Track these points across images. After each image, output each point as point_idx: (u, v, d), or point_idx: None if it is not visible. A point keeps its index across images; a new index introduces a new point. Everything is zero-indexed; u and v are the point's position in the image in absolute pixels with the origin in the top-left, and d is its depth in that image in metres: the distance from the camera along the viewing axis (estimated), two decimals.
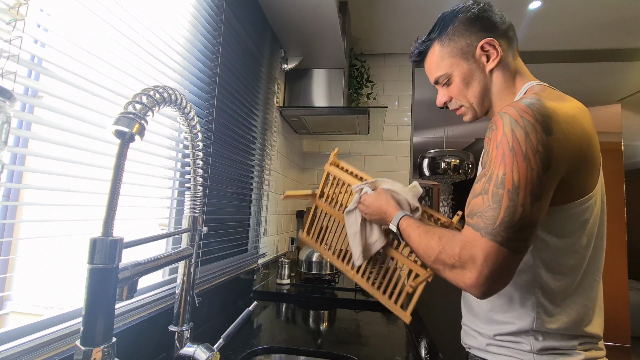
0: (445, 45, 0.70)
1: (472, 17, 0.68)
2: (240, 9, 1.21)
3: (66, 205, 0.61)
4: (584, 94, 2.91)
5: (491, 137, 0.57)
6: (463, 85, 0.70)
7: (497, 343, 0.65)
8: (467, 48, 0.68)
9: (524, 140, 0.52)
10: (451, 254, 0.56)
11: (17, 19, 0.48)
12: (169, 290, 0.85)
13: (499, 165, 0.54)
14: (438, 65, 0.72)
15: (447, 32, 0.70)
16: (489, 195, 0.54)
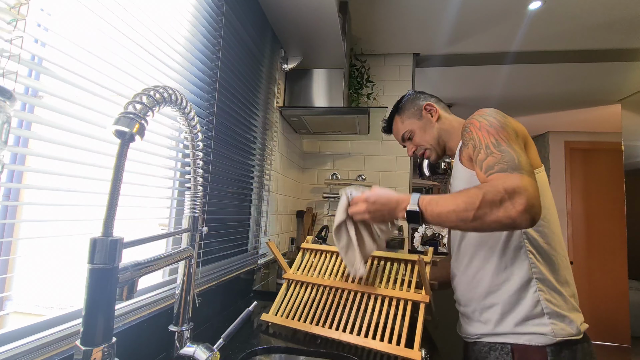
0: (401, 115, 1.05)
1: (413, 95, 1.06)
2: (241, 9, 1.21)
3: (66, 205, 0.61)
4: (584, 94, 2.91)
5: (470, 129, 0.79)
6: (424, 136, 1.00)
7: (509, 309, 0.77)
8: (416, 111, 1.02)
9: (496, 119, 0.77)
10: (496, 191, 0.63)
11: (17, 18, 0.48)
12: (169, 290, 0.85)
13: (487, 136, 0.74)
14: (403, 127, 1.04)
15: (400, 108, 1.06)
16: (496, 152, 0.70)
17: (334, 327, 0.87)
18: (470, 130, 0.79)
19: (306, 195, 2.38)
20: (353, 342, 0.84)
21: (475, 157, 0.74)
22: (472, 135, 0.78)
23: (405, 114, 1.04)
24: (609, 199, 3.76)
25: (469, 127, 0.80)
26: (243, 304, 1.20)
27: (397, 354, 0.79)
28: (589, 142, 3.91)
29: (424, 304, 0.85)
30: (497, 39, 2.13)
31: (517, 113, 3.51)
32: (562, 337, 0.73)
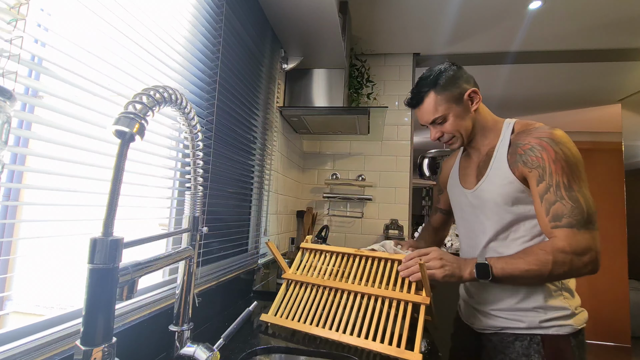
0: (439, 93, 0.90)
1: (454, 73, 0.92)
2: (241, 9, 1.21)
3: (66, 205, 0.61)
4: (584, 94, 2.91)
5: (543, 156, 0.78)
6: (458, 122, 0.91)
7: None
8: (458, 95, 0.90)
9: (572, 155, 0.78)
10: (564, 256, 0.72)
11: (17, 18, 0.48)
12: (169, 290, 0.85)
13: (561, 174, 0.76)
14: (436, 108, 0.91)
15: (440, 84, 0.90)
16: (566, 200, 0.75)
17: (334, 328, 0.87)
18: (542, 157, 0.78)
19: (306, 195, 2.38)
20: (353, 343, 0.83)
21: (542, 193, 0.78)
22: (542, 164, 0.78)
23: (444, 93, 0.90)
24: (609, 199, 3.76)
25: (540, 152, 0.79)
26: (243, 304, 1.20)
27: (398, 356, 0.78)
28: (589, 142, 3.91)
29: (424, 306, 0.85)
30: (497, 38, 2.13)
31: (517, 113, 3.50)
32: (580, 326, 0.85)
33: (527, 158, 0.81)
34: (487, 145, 0.94)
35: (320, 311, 0.92)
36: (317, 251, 1.07)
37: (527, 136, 0.84)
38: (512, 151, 0.86)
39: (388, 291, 0.90)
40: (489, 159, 0.91)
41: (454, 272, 0.80)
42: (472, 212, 0.96)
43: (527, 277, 0.76)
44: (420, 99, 0.92)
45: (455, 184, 1.05)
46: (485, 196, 0.90)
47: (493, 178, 0.89)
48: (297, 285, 1.00)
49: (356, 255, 1.02)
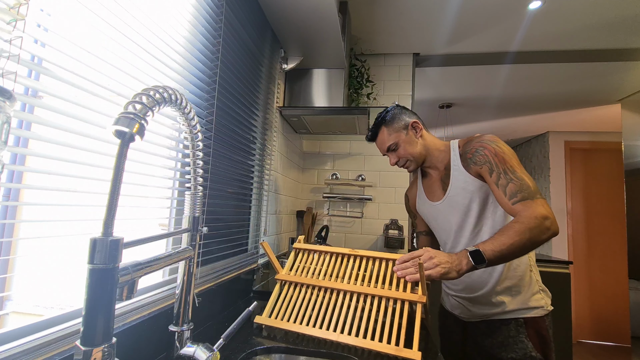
0: (388, 126, 1.12)
1: (399, 110, 1.15)
2: (241, 9, 1.21)
3: (66, 205, 0.61)
4: (584, 94, 2.91)
5: (486, 153, 0.98)
6: (408, 148, 1.10)
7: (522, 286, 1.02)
8: (403, 126, 1.11)
9: (506, 148, 0.98)
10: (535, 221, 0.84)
11: (17, 18, 0.48)
12: (169, 290, 0.85)
13: (504, 162, 0.94)
14: (388, 139, 1.12)
15: (387, 119, 1.13)
16: (515, 179, 0.91)
17: (331, 329, 0.87)
18: (486, 154, 0.98)
19: (306, 195, 2.38)
20: (352, 343, 0.83)
21: (496, 180, 0.94)
22: (487, 159, 0.97)
23: (392, 126, 1.11)
24: (609, 199, 3.76)
25: (483, 150, 0.99)
26: (243, 304, 1.20)
27: (397, 354, 0.78)
28: (589, 142, 3.91)
29: (420, 304, 0.85)
30: (497, 38, 2.13)
31: (517, 113, 3.51)
32: (549, 308, 1.02)
33: (475, 159, 1.00)
34: (442, 161, 1.12)
35: (316, 312, 0.91)
36: (311, 251, 1.07)
37: (470, 143, 1.04)
38: (463, 159, 1.05)
39: (384, 290, 0.90)
40: (449, 172, 1.08)
41: (450, 268, 0.83)
42: (445, 218, 1.10)
43: (514, 250, 0.84)
44: (375, 134, 1.15)
45: (423, 202, 1.19)
46: (455, 200, 1.06)
47: (456, 186, 1.05)
48: (291, 286, 0.99)
49: (350, 255, 1.02)
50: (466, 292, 1.07)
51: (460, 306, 1.10)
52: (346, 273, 0.98)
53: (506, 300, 1.00)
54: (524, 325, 0.99)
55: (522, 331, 0.99)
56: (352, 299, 0.92)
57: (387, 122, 1.12)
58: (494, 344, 1.01)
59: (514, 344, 0.98)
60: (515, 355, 0.98)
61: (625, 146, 2.80)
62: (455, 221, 1.07)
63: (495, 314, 1.02)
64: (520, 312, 1.00)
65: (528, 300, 1.00)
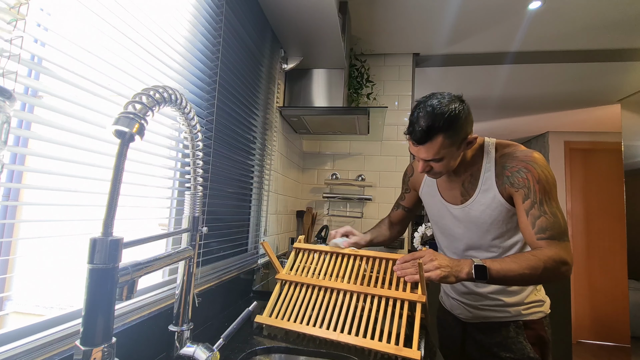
0: (448, 138, 0.87)
1: (465, 117, 0.88)
2: (241, 9, 1.21)
3: (66, 205, 0.61)
4: (584, 94, 2.91)
5: (528, 177, 0.87)
6: (450, 163, 0.93)
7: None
8: (461, 140, 0.90)
9: (551, 177, 0.88)
10: (553, 263, 0.80)
11: (17, 18, 0.48)
12: (169, 290, 0.85)
13: (543, 192, 0.86)
14: (439, 151, 0.89)
15: (451, 129, 0.86)
16: (548, 214, 0.85)
17: (331, 328, 0.87)
18: (528, 179, 0.87)
19: (306, 195, 2.38)
20: (352, 342, 0.83)
21: (528, 208, 0.87)
22: (527, 184, 0.87)
23: (453, 138, 0.87)
24: (609, 199, 3.76)
25: (526, 173, 0.88)
26: (243, 304, 1.20)
27: (397, 353, 0.79)
28: (589, 142, 3.91)
29: (420, 304, 0.85)
30: (497, 39, 2.13)
31: (517, 113, 3.51)
32: (548, 311, 1.03)
33: (514, 180, 0.90)
34: (470, 165, 0.99)
35: (316, 311, 0.91)
36: (311, 251, 1.07)
37: (513, 160, 0.91)
38: (498, 172, 0.93)
39: (384, 290, 0.90)
40: (476, 180, 0.97)
41: (450, 273, 0.82)
42: (455, 223, 1.04)
43: (519, 280, 0.83)
44: (428, 138, 0.87)
45: (432, 194, 1.10)
46: (473, 214, 0.98)
47: (482, 199, 0.96)
48: (292, 286, 0.99)
49: (350, 255, 1.02)
50: (467, 299, 1.07)
51: (460, 307, 1.10)
52: (346, 273, 0.98)
53: (506, 307, 1.01)
54: (523, 327, 0.99)
55: (521, 333, 0.99)
56: (352, 298, 0.92)
57: (451, 131, 0.86)
58: (493, 343, 1.02)
59: (512, 345, 0.99)
60: (513, 355, 0.98)
61: (625, 146, 2.80)
62: (467, 235, 1.01)
63: (495, 317, 1.03)
64: (519, 316, 1.00)
65: (528, 305, 1.00)
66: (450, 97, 0.89)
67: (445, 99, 0.88)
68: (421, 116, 0.87)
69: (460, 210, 1.01)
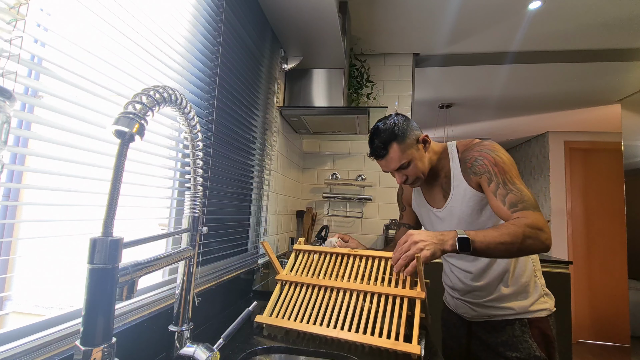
0: (401, 143, 1.00)
1: (406, 124, 1.02)
2: (240, 9, 1.21)
3: (66, 205, 0.61)
4: (584, 94, 2.91)
5: (485, 163, 0.95)
6: (418, 165, 1.03)
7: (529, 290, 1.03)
8: (415, 142, 1.02)
9: (506, 157, 0.95)
10: (531, 229, 0.82)
11: (17, 18, 0.48)
12: (169, 290, 0.85)
13: (503, 173, 0.92)
14: (400, 157, 1.01)
15: (399, 135, 1.00)
16: (515, 190, 0.90)
17: (331, 326, 0.87)
18: (485, 164, 0.95)
19: (306, 195, 2.38)
20: (352, 339, 0.83)
21: (494, 190, 0.92)
22: (487, 169, 0.94)
23: (404, 143, 1.01)
24: (609, 199, 3.76)
25: (483, 160, 0.96)
26: (243, 304, 1.20)
27: (397, 348, 0.79)
28: (589, 142, 3.91)
29: (419, 300, 0.85)
30: (497, 38, 2.13)
31: (517, 113, 3.51)
32: (553, 309, 1.04)
33: (475, 169, 0.98)
34: (441, 168, 1.08)
35: (316, 310, 0.91)
36: (311, 252, 1.07)
37: (470, 151, 1.01)
38: (463, 167, 1.02)
39: (383, 287, 0.90)
40: (449, 180, 1.05)
41: (436, 248, 0.81)
42: (445, 225, 1.08)
43: (500, 250, 0.83)
44: (385, 150, 1.01)
45: (421, 204, 1.17)
46: (455, 211, 1.04)
47: (457, 196, 1.03)
48: (292, 286, 0.99)
49: (350, 254, 1.02)
50: (471, 297, 1.08)
51: (464, 306, 1.11)
52: (346, 272, 0.98)
53: (511, 304, 1.02)
54: (528, 326, 1.00)
55: (527, 331, 1.00)
56: (352, 296, 0.92)
57: (399, 137, 1.00)
58: (498, 342, 1.03)
59: (518, 344, 0.99)
60: (519, 354, 0.99)
61: (625, 146, 2.80)
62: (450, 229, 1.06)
63: (500, 315, 1.03)
64: (524, 314, 1.01)
65: (533, 303, 1.01)
66: (390, 116, 1.06)
67: (387, 119, 1.05)
68: (374, 137, 1.03)
69: (444, 210, 1.07)
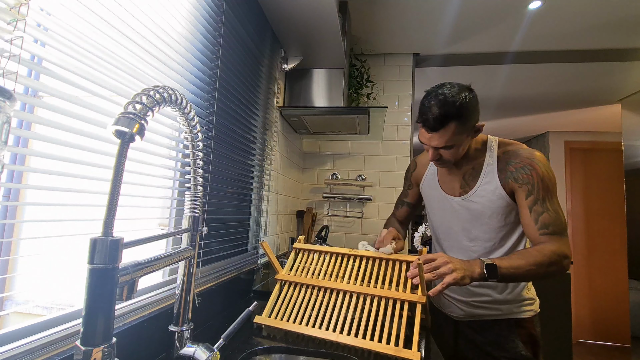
0: (460, 125, 0.89)
1: (474, 106, 0.90)
2: (241, 9, 1.21)
3: (66, 205, 0.61)
4: (584, 94, 2.91)
5: (533, 175, 0.90)
6: (458, 151, 0.94)
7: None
8: (471, 128, 0.92)
9: (552, 176, 0.91)
10: (556, 258, 0.84)
11: (17, 18, 0.48)
12: (169, 290, 0.85)
13: (546, 190, 0.89)
14: (451, 138, 0.90)
15: (463, 116, 0.88)
16: (551, 211, 0.88)
17: (330, 329, 0.87)
18: (532, 176, 0.90)
19: (306, 195, 2.38)
20: (351, 343, 0.83)
21: (530, 204, 0.90)
22: (532, 181, 0.90)
23: (464, 126, 0.89)
24: (609, 199, 3.76)
25: (530, 171, 0.91)
26: (243, 304, 1.20)
27: (396, 355, 0.78)
28: (589, 142, 3.91)
29: (420, 304, 0.85)
30: (497, 38, 2.13)
31: (517, 113, 3.50)
32: (538, 310, 1.05)
33: (518, 175, 0.92)
34: (472, 159, 1.01)
35: (315, 312, 0.91)
36: (311, 251, 1.07)
37: (517, 156, 0.94)
38: (501, 168, 0.96)
39: (384, 291, 0.90)
40: (478, 173, 1.00)
41: (465, 274, 0.82)
42: (454, 214, 1.05)
43: (527, 276, 0.86)
44: (441, 126, 0.89)
45: (433, 187, 1.12)
46: (474, 206, 1.00)
47: (483, 192, 0.98)
48: (291, 286, 0.99)
49: (350, 255, 1.02)
50: (461, 296, 1.07)
51: (451, 305, 1.10)
52: (346, 273, 0.98)
53: (501, 306, 1.02)
54: (515, 326, 1.01)
55: (514, 330, 1.01)
56: (351, 299, 0.92)
57: (462, 118, 0.88)
58: (486, 342, 1.03)
59: (505, 343, 1.00)
60: (507, 354, 1.00)
61: (625, 146, 2.80)
62: (463, 226, 1.03)
63: (488, 315, 1.04)
64: (511, 314, 1.02)
65: (520, 305, 1.02)
66: (460, 86, 0.91)
67: (456, 88, 0.89)
68: (433, 104, 0.88)
69: (460, 201, 1.02)
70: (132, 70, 0.73)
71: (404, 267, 0.95)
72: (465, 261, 0.86)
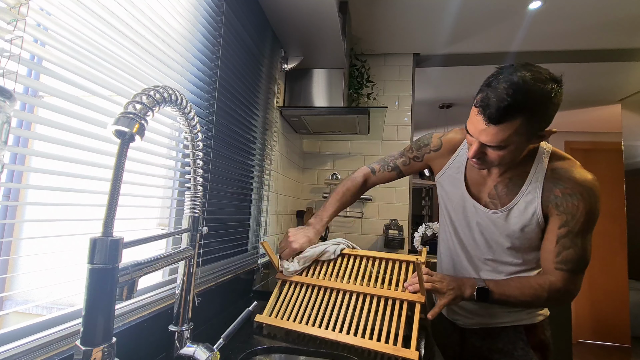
0: (528, 123, 0.70)
1: (555, 105, 0.72)
2: (241, 9, 1.21)
3: (66, 205, 0.61)
4: (584, 94, 2.91)
5: (578, 205, 0.78)
6: (513, 154, 0.76)
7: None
8: (538, 130, 0.73)
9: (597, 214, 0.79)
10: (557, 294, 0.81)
11: (17, 18, 0.48)
12: (169, 290, 0.85)
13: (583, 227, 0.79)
14: (510, 137, 0.71)
15: (537, 114, 0.70)
16: (578, 248, 0.80)
17: (330, 328, 0.87)
18: (578, 208, 0.78)
19: (306, 195, 2.38)
20: (350, 342, 0.83)
21: (561, 235, 0.80)
22: (575, 213, 0.78)
23: (533, 125, 0.71)
24: (609, 199, 3.76)
25: (578, 202, 0.78)
26: (243, 304, 1.20)
27: (395, 354, 0.79)
28: (589, 142, 3.91)
29: (419, 304, 0.85)
30: (497, 38, 2.13)
31: None
32: (547, 315, 0.99)
33: (562, 202, 0.79)
34: (516, 166, 0.84)
35: (315, 311, 0.91)
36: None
37: (569, 181, 0.79)
38: (546, 187, 0.81)
39: (383, 290, 0.90)
40: (517, 186, 0.84)
41: (456, 295, 0.83)
42: (477, 226, 0.94)
43: (516, 304, 0.85)
44: (506, 118, 0.69)
45: (456, 185, 0.96)
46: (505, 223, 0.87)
47: (519, 209, 0.84)
48: (292, 286, 0.99)
49: (350, 255, 1.02)
50: (467, 305, 1.03)
51: (457, 313, 1.06)
52: (346, 273, 0.98)
53: (510, 313, 0.97)
54: (523, 332, 0.96)
55: (522, 337, 0.96)
56: (351, 298, 0.92)
57: (534, 116, 0.70)
58: (493, 349, 0.98)
59: (513, 350, 0.95)
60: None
61: (625, 146, 2.80)
62: (485, 243, 0.94)
63: (495, 322, 0.99)
64: (520, 320, 0.97)
65: (530, 310, 0.97)
66: (548, 73, 0.72)
67: (541, 75, 0.70)
68: (504, 88, 0.68)
69: (491, 215, 0.88)
70: (132, 70, 0.73)
71: (404, 267, 0.95)
72: (457, 279, 0.86)
